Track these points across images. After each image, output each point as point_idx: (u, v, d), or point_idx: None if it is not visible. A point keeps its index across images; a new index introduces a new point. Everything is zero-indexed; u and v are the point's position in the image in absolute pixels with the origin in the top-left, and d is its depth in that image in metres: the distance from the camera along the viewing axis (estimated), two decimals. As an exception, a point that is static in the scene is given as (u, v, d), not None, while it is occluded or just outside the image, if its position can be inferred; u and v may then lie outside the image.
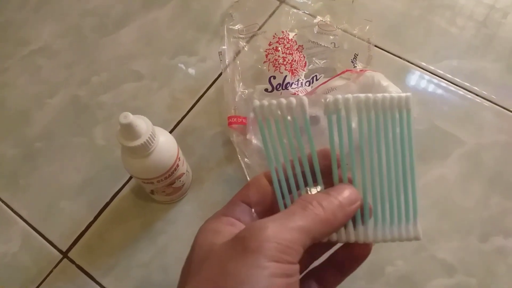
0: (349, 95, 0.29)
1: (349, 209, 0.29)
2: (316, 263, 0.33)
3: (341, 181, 0.30)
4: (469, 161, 0.50)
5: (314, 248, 0.31)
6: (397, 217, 0.30)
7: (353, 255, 0.32)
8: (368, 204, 0.30)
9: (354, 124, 0.30)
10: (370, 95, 0.29)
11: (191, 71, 0.58)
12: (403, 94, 0.30)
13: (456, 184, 0.48)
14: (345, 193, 0.29)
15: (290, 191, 0.31)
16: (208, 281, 0.25)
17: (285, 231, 0.26)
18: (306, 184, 0.31)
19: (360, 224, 0.30)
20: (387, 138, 0.30)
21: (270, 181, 0.32)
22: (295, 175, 0.31)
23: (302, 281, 0.32)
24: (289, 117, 0.30)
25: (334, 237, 0.30)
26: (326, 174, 0.31)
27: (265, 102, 0.30)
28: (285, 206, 0.31)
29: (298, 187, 0.31)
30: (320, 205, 0.27)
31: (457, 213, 0.47)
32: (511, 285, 0.43)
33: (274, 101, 0.30)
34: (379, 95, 0.29)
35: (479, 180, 0.48)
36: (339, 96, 0.29)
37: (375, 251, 0.45)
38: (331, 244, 0.32)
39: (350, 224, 0.30)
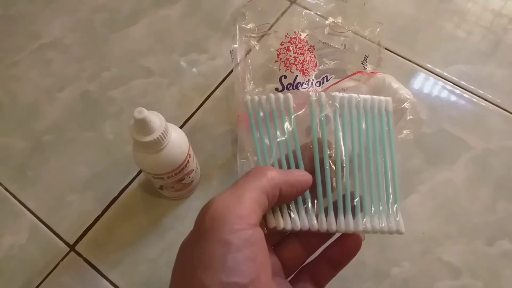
0: (336, 93, 0.32)
1: (298, 177, 0.29)
2: (310, 258, 0.33)
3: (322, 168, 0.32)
4: (477, 166, 0.50)
5: (308, 243, 0.32)
6: (378, 210, 0.31)
7: (344, 249, 0.32)
8: (349, 196, 0.31)
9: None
10: (354, 94, 0.32)
11: (201, 68, 0.58)
12: (384, 98, 0.33)
13: (463, 188, 0.49)
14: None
15: None
16: (178, 275, 0.25)
17: (233, 195, 0.25)
18: None
19: (341, 214, 0.31)
20: (368, 136, 0.32)
21: None
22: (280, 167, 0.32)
23: (296, 277, 0.32)
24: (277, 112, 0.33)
25: (315, 226, 0.31)
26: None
27: (256, 97, 0.33)
28: None
29: None
30: (265, 167, 0.28)
31: (463, 217, 0.47)
32: (517, 289, 0.44)
33: (264, 96, 0.33)
34: (362, 95, 0.33)
35: (486, 185, 0.49)
36: (323, 93, 0.32)
37: (381, 253, 0.45)
38: (324, 236, 0.32)
39: (332, 214, 0.31)
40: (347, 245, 0.31)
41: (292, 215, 0.31)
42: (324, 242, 0.33)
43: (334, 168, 0.32)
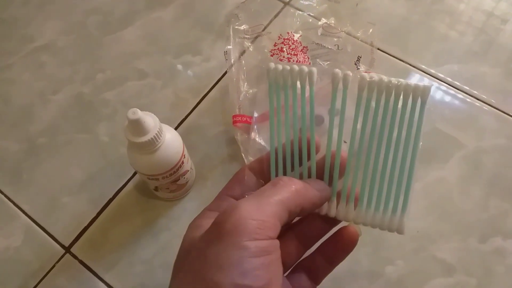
0: (363, 73, 0.29)
1: (319, 192, 0.29)
2: (306, 254, 0.33)
3: (333, 156, 0.30)
4: (469, 164, 0.50)
5: (304, 237, 0.32)
6: (383, 205, 0.30)
7: (340, 245, 0.32)
8: (355, 186, 0.31)
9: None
10: (384, 77, 0.29)
11: (195, 70, 0.58)
12: (421, 84, 0.28)
13: (456, 186, 0.49)
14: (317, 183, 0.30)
15: (285, 167, 0.32)
16: (189, 273, 0.25)
17: (258, 206, 0.25)
18: (300, 162, 0.31)
19: (344, 202, 0.31)
20: (392, 125, 0.29)
21: (255, 172, 0.33)
22: (292, 152, 0.31)
23: (292, 272, 0.32)
24: (298, 85, 0.30)
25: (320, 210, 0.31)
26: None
27: (280, 66, 0.30)
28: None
29: (292, 165, 0.32)
30: (291, 180, 0.28)
31: (456, 215, 0.48)
32: (510, 285, 0.44)
33: (288, 66, 0.30)
34: (395, 79, 0.29)
35: (478, 183, 0.49)
36: (349, 72, 0.29)
37: (375, 251, 0.46)
38: (320, 231, 0.32)
39: (334, 200, 0.31)
40: (343, 241, 0.31)
41: None
42: (321, 237, 0.33)
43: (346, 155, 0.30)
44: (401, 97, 0.29)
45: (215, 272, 0.23)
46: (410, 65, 0.57)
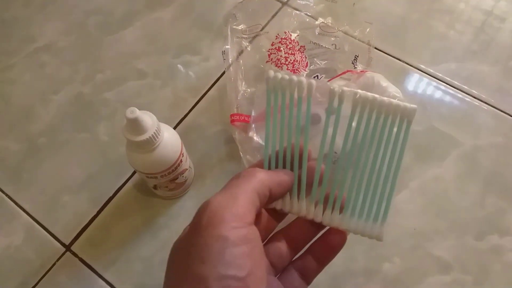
0: (358, 90, 0.30)
1: (283, 176, 0.31)
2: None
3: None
4: (466, 162, 0.51)
5: (293, 241, 0.33)
6: (366, 214, 0.32)
7: (328, 245, 0.33)
8: (341, 193, 0.32)
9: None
10: (377, 95, 0.30)
11: (194, 70, 0.59)
12: (409, 105, 0.30)
13: (453, 184, 0.49)
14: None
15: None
16: (176, 270, 0.26)
17: (229, 196, 0.26)
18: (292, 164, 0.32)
19: (330, 208, 0.32)
20: (380, 141, 0.31)
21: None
22: (285, 155, 0.32)
23: (284, 272, 0.33)
24: (295, 95, 0.31)
25: (303, 213, 0.32)
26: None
27: (279, 75, 0.31)
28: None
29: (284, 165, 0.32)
30: (253, 169, 0.29)
31: (453, 212, 0.48)
32: (506, 282, 0.44)
33: (287, 76, 0.31)
34: (386, 98, 0.30)
35: (475, 181, 0.50)
36: (346, 88, 0.30)
37: (372, 248, 0.46)
38: (308, 234, 0.33)
39: (320, 206, 0.32)
40: (331, 242, 0.32)
41: (286, 198, 0.32)
42: (310, 240, 0.34)
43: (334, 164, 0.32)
44: (390, 116, 0.31)
45: (199, 265, 0.24)
46: (408, 64, 0.58)
